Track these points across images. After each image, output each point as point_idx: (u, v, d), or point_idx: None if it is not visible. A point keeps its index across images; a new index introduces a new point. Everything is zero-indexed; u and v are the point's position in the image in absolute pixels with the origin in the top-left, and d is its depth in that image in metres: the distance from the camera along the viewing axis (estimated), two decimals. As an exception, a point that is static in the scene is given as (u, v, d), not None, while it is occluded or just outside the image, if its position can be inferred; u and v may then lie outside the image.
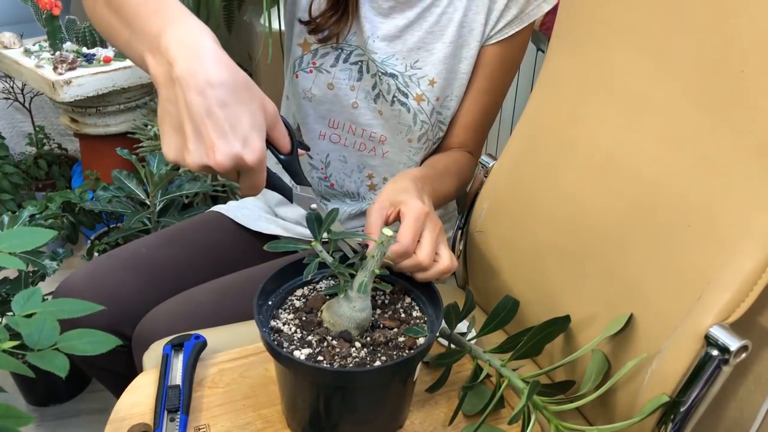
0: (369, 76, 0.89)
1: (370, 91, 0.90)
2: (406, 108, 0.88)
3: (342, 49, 0.89)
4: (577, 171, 0.70)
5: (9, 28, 1.75)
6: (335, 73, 0.89)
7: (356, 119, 0.92)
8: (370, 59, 0.88)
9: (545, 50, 1.10)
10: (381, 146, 0.93)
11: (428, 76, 0.87)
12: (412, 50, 0.87)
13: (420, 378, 0.71)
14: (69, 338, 0.53)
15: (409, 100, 0.88)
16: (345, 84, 0.90)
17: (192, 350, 0.72)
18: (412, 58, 0.87)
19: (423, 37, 0.86)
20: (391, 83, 0.87)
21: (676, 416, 0.56)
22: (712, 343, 0.52)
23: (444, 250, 0.68)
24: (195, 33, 0.53)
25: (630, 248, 0.63)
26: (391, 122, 0.90)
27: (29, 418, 0.47)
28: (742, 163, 0.54)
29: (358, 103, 0.90)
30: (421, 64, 0.87)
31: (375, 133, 0.92)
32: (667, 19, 0.61)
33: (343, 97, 0.91)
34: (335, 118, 0.93)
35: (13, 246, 0.55)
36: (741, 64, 0.54)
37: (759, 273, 0.51)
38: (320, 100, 0.92)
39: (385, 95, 0.88)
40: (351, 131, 0.93)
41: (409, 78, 0.87)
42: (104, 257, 0.94)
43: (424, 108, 0.88)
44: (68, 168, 2.06)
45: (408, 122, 0.89)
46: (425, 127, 0.89)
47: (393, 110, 0.89)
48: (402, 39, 0.86)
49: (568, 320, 0.67)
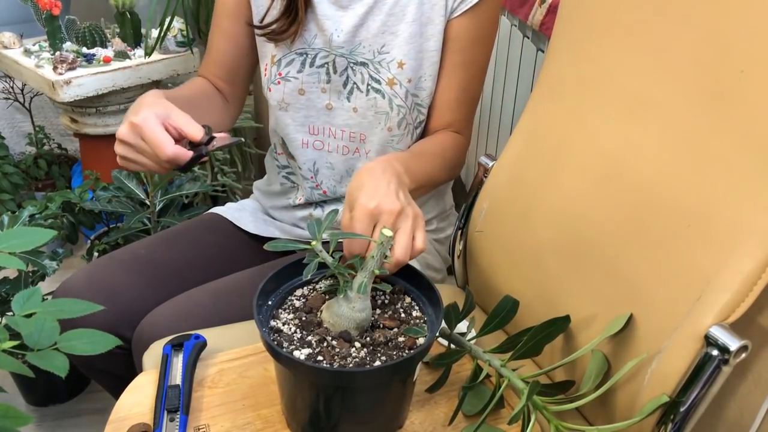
0: (337, 76, 0.89)
1: (341, 91, 0.90)
2: (381, 94, 0.88)
3: (307, 53, 0.89)
4: (577, 171, 0.70)
5: (9, 28, 1.75)
6: (303, 78, 0.90)
7: (333, 121, 0.92)
8: (337, 56, 0.88)
9: (545, 50, 1.10)
10: (363, 145, 0.93)
11: (396, 58, 0.87)
12: (376, 35, 0.87)
13: (420, 378, 0.71)
14: (69, 338, 0.53)
15: (382, 86, 0.88)
16: (315, 87, 0.91)
17: (192, 350, 0.72)
18: (378, 44, 0.87)
19: (385, 21, 0.86)
20: (363, 72, 0.88)
21: (676, 416, 0.56)
22: (712, 343, 0.52)
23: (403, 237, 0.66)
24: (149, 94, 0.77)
25: (630, 248, 0.63)
26: (368, 116, 0.90)
27: (29, 418, 0.47)
28: (742, 164, 0.54)
29: (332, 104, 0.91)
30: (387, 48, 0.87)
31: (354, 133, 0.92)
32: (667, 19, 0.61)
33: (316, 100, 0.91)
34: (313, 123, 0.93)
35: (13, 246, 0.55)
36: (741, 64, 0.54)
37: (759, 273, 0.51)
38: (295, 108, 0.93)
39: (359, 85, 0.89)
40: (331, 135, 0.93)
41: (379, 63, 0.87)
42: (103, 259, 0.94)
43: (398, 92, 0.88)
44: (68, 168, 2.06)
45: (385, 109, 0.89)
46: (402, 112, 0.89)
47: (369, 100, 0.89)
48: (365, 26, 0.87)
49: (568, 320, 0.67)
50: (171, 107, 0.73)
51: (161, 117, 0.71)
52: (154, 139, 0.69)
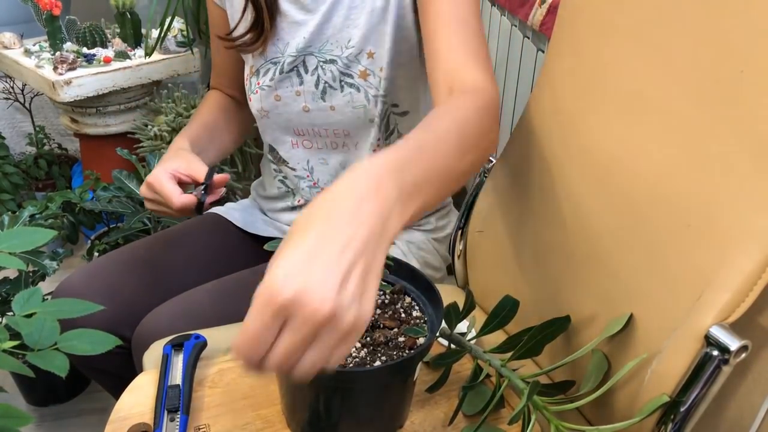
0: (308, 75, 0.90)
1: (315, 91, 0.90)
2: (355, 88, 0.88)
3: (278, 62, 0.91)
4: (577, 171, 0.70)
5: (9, 28, 1.75)
6: (276, 85, 0.91)
7: (314, 122, 0.93)
8: (306, 56, 0.89)
9: (545, 50, 1.11)
10: (350, 140, 0.93)
11: (365, 50, 0.87)
12: (341, 30, 0.87)
13: (420, 378, 0.71)
14: (69, 338, 0.53)
15: (355, 79, 0.88)
16: (290, 91, 0.91)
17: (192, 350, 0.72)
18: (344, 38, 0.87)
19: (347, 15, 0.86)
20: (334, 69, 0.88)
21: (676, 416, 0.56)
22: (712, 343, 0.52)
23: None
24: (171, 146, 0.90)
25: (630, 248, 0.63)
26: (346, 112, 0.90)
27: (29, 418, 0.47)
28: (742, 163, 0.54)
29: (308, 107, 0.91)
30: (353, 42, 0.87)
31: (338, 131, 0.93)
32: (667, 19, 0.61)
33: (292, 104, 0.92)
34: (296, 126, 0.94)
35: (13, 246, 0.55)
36: (741, 64, 0.54)
37: (759, 273, 0.51)
38: (276, 114, 0.94)
39: (331, 84, 0.89)
40: (317, 134, 0.94)
41: (347, 58, 0.87)
42: (102, 259, 0.94)
43: (372, 82, 0.88)
44: (68, 168, 2.07)
45: (362, 102, 0.89)
46: (380, 101, 0.89)
47: (344, 96, 0.89)
48: (330, 23, 0.87)
49: (568, 320, 0.67)
50: (183, 158, 0.83)
51: (171, 170, 0.81)
52: (163, 193, 0.79)
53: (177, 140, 0.90)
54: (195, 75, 1.86)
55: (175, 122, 1.60)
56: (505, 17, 1.31)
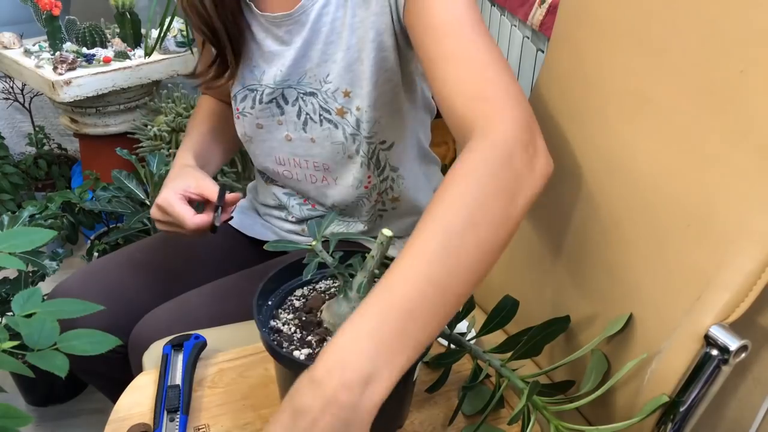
0: (289, 106, 0.87)
1: (297, 121, 0.87)
2: (333, 124, 0.85)
3: (256, 90, 0.88)
4: (577, 170, 0.70)
5: (9, 28, 1.75)
6: (256, 113, 0.89)
7: (295, 151, 0.90)
8: (285, 89, 0.86)
9: (545, 50, 1.10)
10: (329, 174, 0.90)
11: (341, 87, 0.82)
12: (319, 65, 0.83)
13: (420, 378, 0.71)
14: (68, 338, 0.53)
15: (332, 115, 0.85)
16: (271, 120, 0.89)
17: (192, 350, 0.72)
18: (322, 73, 0.83)
19: (324, 50, 0.82)
20: (314, 102, 0.85)
21: (675, 416, 0.56)
22: (712, 343, 0.52)
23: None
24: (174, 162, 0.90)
25: (630, 248, 0.63)
26: (326, 146, 0.87)
27: (29, 418, 0.47)
28: (741, 163, 0.54)
29: (290, 136, 0.89)
30: (331, 77, 0.83)
31: (317, 163, 0.89)
32: (667, 19, 0.61)
33: (275, 132, 0.90)
34: (277, 154, 0.92)
35: (13, 246, 0.55)
36: (741, 64, 0.54)
37: (759, 273, 0.51)
38: (258, 141, 0.92)
39: (312, 116, 0.86)
40: (297, 165, 0.91)
41: (326, 93, 0.84)
42: (100, 261, 0.94)
43: (350, 120, 0.84)
44: (68, 168, 2.06)
45: (340, 139, 0.86)
46: (357, 139, 0.85)
47: (323, 130, 0.86)
48: (307, 56, 0.83)
49: (568, 320, 0.67)
50: (191, 176, 0.83)
51: (181, 190, 0.81)
52: (175, 216, 0.79)
53: (180, 155, 0.89)
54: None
55: (175, 122, 1.60)
56: (504, 17, 1.31)
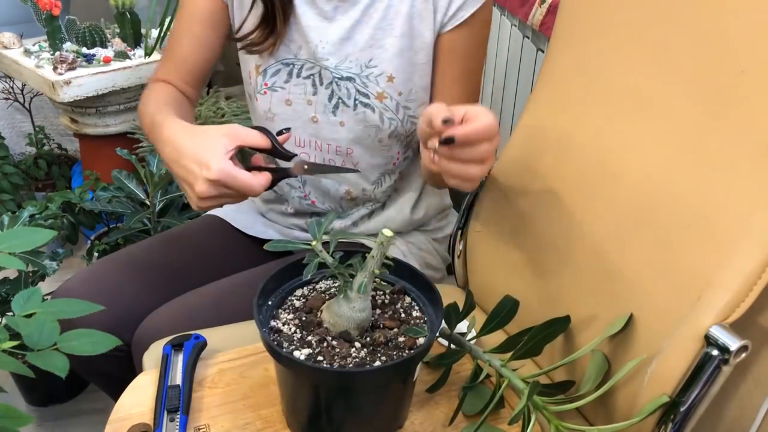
0: (323, 88, 0.88)
1: (327, 104, 0.88)
2: (370, 108, 0.87)
3: (293, 64, 0.88)
4: (577, 171, 0.70)
5: (9, 28, 1.75)
6: (290, 88, 0.89)
7: (319, 133, 0.90)
8: (322, 69, 0.86)
9: (545, 50, 1.11)
10: (349, 159, 0.91)
11: (385, 72, 0.85)
12: (364, 49, 0.85)
13: (420, 378, 0.71)
14: (69, 338, 0.53)
15: (371, 100, 0.86)
16: (302, 98, 0.89)
17: (192, 350, 0.72)
18: (365, 58, 0.85)
19: (372, 34, 0.84)
20: (350, 87, 0.86)
21: (676, 416, 0.56)
22: (712, 343, 0.52)
23: None
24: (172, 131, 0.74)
25: (630, 248, 0.63)
26: (356, 130, 0.88)
27: (29, 418, 0.47)
28: (742, 163, 0.54)
29: (317, 117, 0.89)
30: (376, 62, 0.85)
31: (341, 147, 0.90)
32: (667, 19, 0.61)
33: (301, 112, 0.90)
34: (299, 135, 0.92)
35: (13, 246, 0.55)
36: (741, 64, 0.54)
37: (759, 273, 0.51)
38: (282, 118, 0.91)
39: (345, 101, 0.87)
40: (317, 148, 0.92)
41: (366, 78, 0.85)
42: (102, 261, 0.94)
43: (389, 105, 0.87)
44: (68, 168, 2.06)
45: (375, 122, 0.87)
46: (394, 124, 0.88)
47: (357, 114, 0.87)
48: (352, 40, 0.85)
49: (568, 320, 0.67)
50: (220, 133, 0.69)
51: (225, 153, 0.67)
52: (239, 187, 0.67)
53: (172, 121, 0.75)
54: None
55: (175, 122, 1.59)
56: (504, 17, 1.31)
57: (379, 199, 0.98)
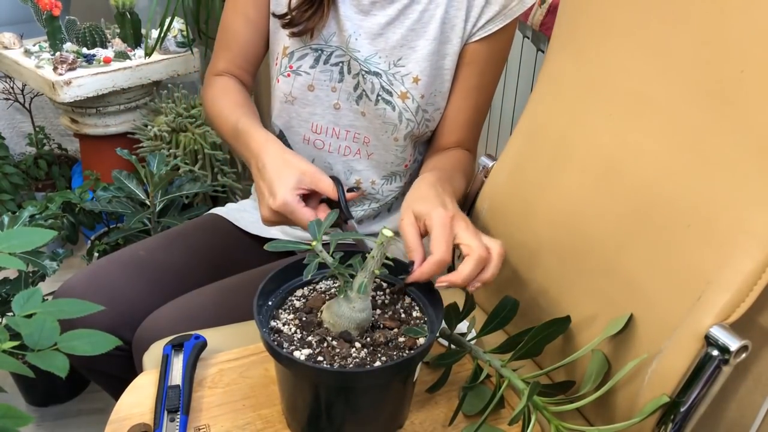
0: (350, 77, 0.88)
1: (351, 92, 0.89)
2: (391, 106, 0.87)
3: (322, 50, 0.88)
4: (577, 171, 0.70)
5: (9, 29, 1.75)
6: (315, 74, 0.89)
7: (339, 121, 0.91)
8: (352, 59, 0.87)
9: (545, 50, 1.11)
10: (365, 147, 0.93)
11: (412, 73, 0.86)
12: (395, 48, 0.86)
13: (420, 378, 0.71)
14: (69, 338, 0.53)
15: (393, 98, 0.87)
16: (326, 85, 0.90)
17: (192, 350, 0.72)
18: (395, 56, 0.86)
19: (405, 35, 0.86)
20: (375, 82, 0.87)
21: (676, 416, 0.56)
22: (712, 343, 0.52)
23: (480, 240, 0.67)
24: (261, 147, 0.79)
25: (630, 248, 0.63)
26: (375, 123, 0.90)
27: (29, 418, 0.47)
28: (742, 163, 0.54)
29: (340, 105, 0.90)
30: (404, 61, 0.86)
31: (359, 135, 0.92)
32: (667, 19, 0.61)
33: (324, 99, 0.90)
34: (317, 122, 0.92)
35: (13, 246, 0.55)
36: (741, 64, 0.54)
37: (759, 273, 0.51)
38: (302, 103, 0.92)
39: (368, 94, 0.88)
40: (334, 135, 0.92)
41: (393, 76, 0.86)
42: (103, 261, 0.94)
43: (409, 106, 0.87)
44: (68, 168, 2.06)
45: (393, 120, 0.88)
46: (411, 125, 0.89)
47: (377, 110, 0.88)
48: (384, 37, 0.86)
49: (569, 320, 0.67)
50: (296, 168, 0.74)
51: (295, 189, 0.73)
52: (299, 222, 0.73)
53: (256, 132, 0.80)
54: (195, 75, 1.86)
55: (175, 122, 1.60)
56: (505, 17, 1.30)
57: (386, 198, 0.98)
